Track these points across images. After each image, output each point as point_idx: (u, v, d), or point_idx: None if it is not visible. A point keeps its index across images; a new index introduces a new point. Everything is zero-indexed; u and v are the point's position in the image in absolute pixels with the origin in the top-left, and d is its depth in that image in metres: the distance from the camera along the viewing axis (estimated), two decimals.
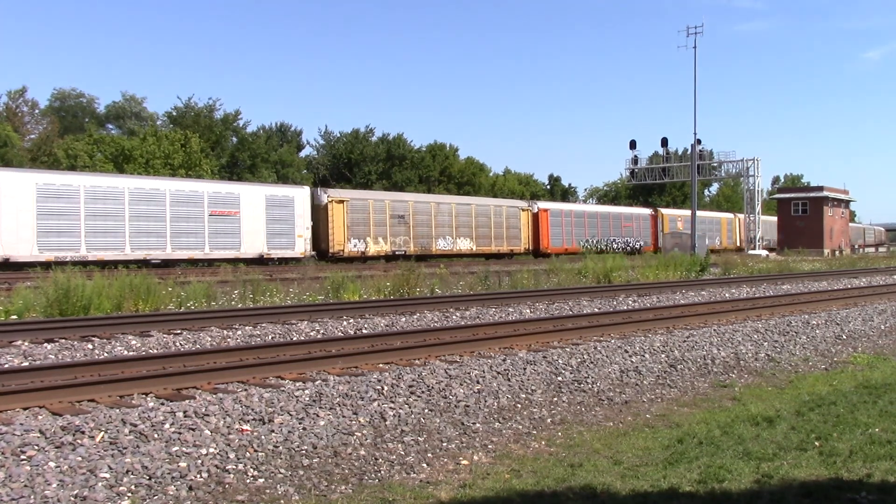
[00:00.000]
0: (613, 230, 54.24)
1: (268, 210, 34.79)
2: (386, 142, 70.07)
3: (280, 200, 35.42)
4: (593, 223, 52.85)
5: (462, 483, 5.50)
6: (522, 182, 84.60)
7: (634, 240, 55.36)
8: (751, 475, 5.51)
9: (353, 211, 38.63)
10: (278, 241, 34.99)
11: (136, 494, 5.09)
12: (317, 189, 39.32)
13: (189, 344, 11.00)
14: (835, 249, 65.25)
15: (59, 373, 8.05)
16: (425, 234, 41.96)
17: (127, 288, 14.93)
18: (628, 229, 55.70)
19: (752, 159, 56.44)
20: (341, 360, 9.04)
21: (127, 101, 69.03)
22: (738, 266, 34.45)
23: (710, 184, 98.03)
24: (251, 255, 33.68)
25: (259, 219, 34.45)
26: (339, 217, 37.87)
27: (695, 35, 47.52)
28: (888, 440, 6.36)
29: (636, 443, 6.58)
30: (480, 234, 45.12)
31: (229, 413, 6.66)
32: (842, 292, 20.34)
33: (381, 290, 18.82)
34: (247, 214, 34.05)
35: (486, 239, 45.46)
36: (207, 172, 50.61)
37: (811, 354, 11.66)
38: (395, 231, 40.30)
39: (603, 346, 10.63)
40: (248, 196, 34.50)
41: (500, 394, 8.23)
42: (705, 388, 9.14)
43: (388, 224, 40.01)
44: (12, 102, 62.21)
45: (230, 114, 62.28)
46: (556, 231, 49.93)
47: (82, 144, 49.55)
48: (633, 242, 54.82)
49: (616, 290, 20.24)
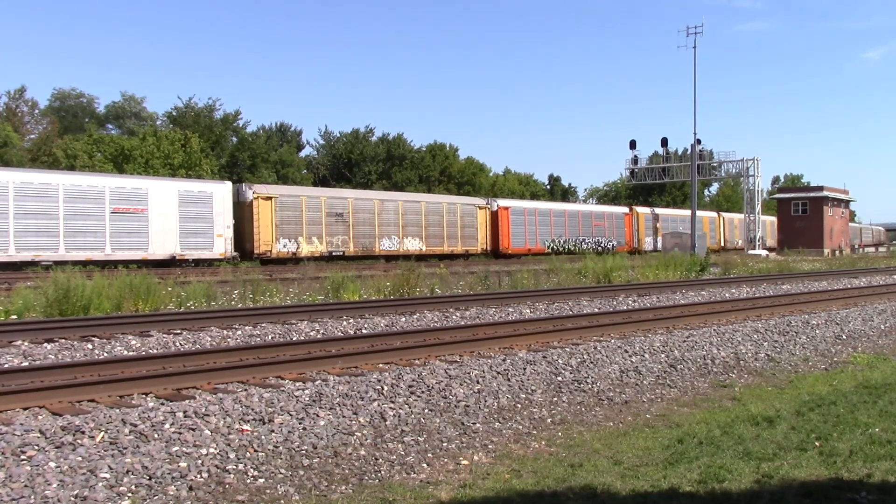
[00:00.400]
0: (583, 229, 52.01)
1: (181, 207, 32.14)
2: (386, 142, 70.09)
3: (196, 197, 32.76)
4: (560, 222, 50.42)
5: (462, 483, 5.50)
6: (522, 182, 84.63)
7: (606, 240, 53.15)
8: (751, 475, 5.51)
9: (283, 208, 35.93)
10: (194, 242, 32.33)
11: (136, 494, 5.09)
12: (241, 185, 36.82)
13: (189, 344, 11.00)
14: (835, 249, 65.25)
15: (59, 373, 8.05)
16: (367, 233, 39.28)
17: (127, 288, 14.94)
18: (599, 228, 53.41)
19: (752, 159, 56.44)
20: (341, 360, 9.04)
21: (126, 100, 69.07)
22: (737, 266, 34.46)
23: (710, 184, 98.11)
24: (161, 257, 31.20)
25: (171, 217, 31.80)
26: (266, 215, 35.18)
27: (695, 35, 47.52)
28: (888, 440, 6.37)
29: (636, 443, 6.58)
30: (431, 233, 42.33)
31: (229, 413, 6.66)
32: (842, 292, 20.34)
33: (381, 290, 18.83)
34: (156, 212, 31.39)
35: (437, 239, 42.59)
36: (207, 172, 50.59)
37: (811, 354, 11.67)
38: (333, 230, 37.69)
39: (603, 346, 10.63)
40: (158, 192, 31.77)
41: (500, 394, 8.23)
42: (705, 388, 9.14)
43: (323, 223, 37.35)
44: (12, 102, 62.25)
45: (230, 114, 62.32)
46: (519, 230, 47.43)
47: (81, 144, 49.55)
48: (605, 242, 52.62)
49: (616, 290, 20.24)
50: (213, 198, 33.23)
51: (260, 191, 35.83)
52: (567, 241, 49.90)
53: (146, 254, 31.09)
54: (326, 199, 38.11)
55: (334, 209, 37.96)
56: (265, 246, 35.03)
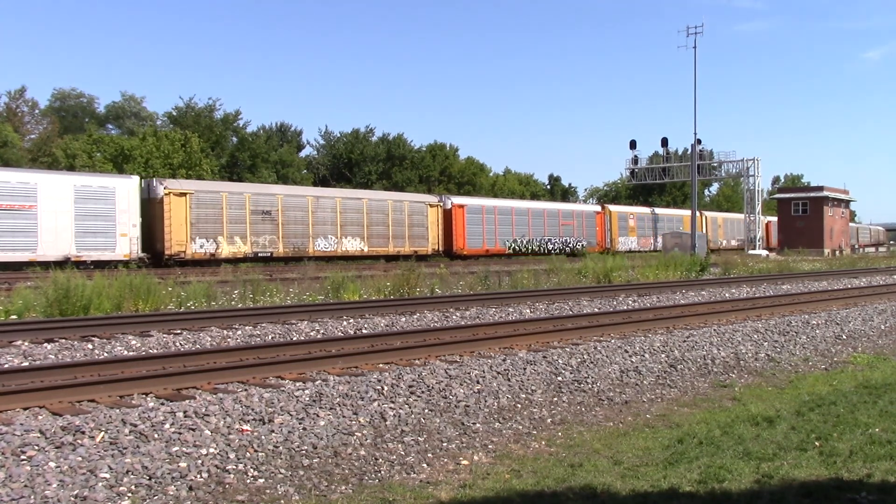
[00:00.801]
0: (549, 229, 48.78)
1: (78, 204, 29.32)
2: (386, 142, 70.12)
3: (95, 193, 29.91)
4: (523, 221, 47.15)
5: (462, 483, 5.50)
6: (522, 182, 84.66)
7: (575, 240, 50.11)
8: (751, 475, 5.51)
9: (199, 205, 32.82)
10: (93, 242, 29.60)
11: (136, 494, 5.09)
12: (151, 180, 34.00)
13: (189, 344, 11.00)
14: (835, 249, 65.25)
15: (59, 373, 8.05)
16: (299, 232, 36.17)
17: (127, 288, 14.94)
18: (568, 228, 50.18)
19: (752, 159, 56.49)
20: (341, 360, 9.04)
21: (126, 100, 69.08)
22: (738, 266, 34.47)
23: (710, 184, 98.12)
24: (53, 258, 27.70)
25: (65, 214, 29.01)
26: (179, 212, 32.09)
27: (695, 35, 47.64)
28: (888, 440, 6.37)
29: (636, 443, 6.58)
30: (375, 233, 39.31)
31: (229, 413, 6.66)
32: (842, 292, 20.34)
33: (381, 290, 18.83)
34: (47, 209, 28.59)
35: (381, 238, 39.56)
36: (207, 172, 50.62)
37: (811, 354, 11.66)
38: (259, 229, 34.62)
39: (603, 346, 10.63)
40: (50, 187, 28.93)
41: (500, 394, 8.23)
42: (705, 388, 9.14)
43: (248, 221, 34.26)
44: (12, 102, 62.26)
45: (230, 114, 62.38)
46: (475, 230, 44.30)
47: (81, 144, 49.55)
48: (573, 243, 49.78)
49: (616, 290, 20.25)
50: (115, 194, 30.40)
51: (172, 186, 32.89)
52: (531, 242, 47.21)
53: (34, 255, 28.08)
54: (251, 196, 34.99)
55: (261, 206, 34.88)
56: (178, 246, 32.04)
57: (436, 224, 42.46)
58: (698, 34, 47.76)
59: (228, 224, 33.72)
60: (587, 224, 52.11)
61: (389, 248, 39.76)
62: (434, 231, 42.28)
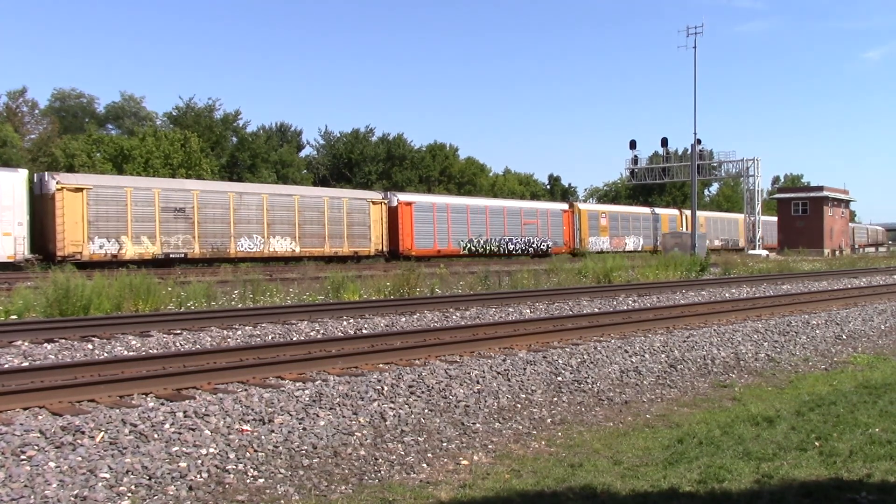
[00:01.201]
0: (510, 228, 45.98)
1: None
2: (386, 142, 70.13)
3: None
4: (480, 220, 44.33)
5: (462, 483, 5.50)
6: (522, 182, 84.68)
7: (540, 240, 47.40)
8: (751, 475, 5.51)
9: (99, 202, 29.98)
10: None
11: (136, 494, 5.09)
12: (43, 174, 31.04)
13: (189, 344, 11.00)
14: (835, 249, 65.26)
15: (59, 373, 8.04)
16: (219, 232, 33.27)
17: (127, 288, 14.93)
18: (531, 227, 47.34)
19: (752, 159, 56.48)
20: (341, 360, 9.04)
21: (126, 100, 69.08)
22: (738, 266, 34.48)
23: (710, 184, 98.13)
24: None
25: None
26: (74, 210, 29.31)
27: (695, 35, 47.62)
28: (888, 440, 6.37)
29: (636, 443, 6.58)
30: (308, 232, 36.42)
31: (229, 413, 6.66)
32: (842, 292, 20.35)
33: (381, 290, 18.83)
34: None
35: (315, 238, 36.65)
36: (207, 172, 50.62)
37: (811, 354, 11.67)
38: (171, 228, 31.80)
39: (603, 346, 10.63)
40: None
41: (500, 394, 8.23)
42: (705, 388, 9.14)
43: (157, 219, 31.42)
44: (12, 102, 62.26)
45: (230, 114, 62.39)
46: (425, 229, 41.25)
47: (81, 144, 49.55)
48: (537, 243, 47.15)
49: (616, 290, 20.25)
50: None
51: (66, 181, 29.94)
52: (489, 242, 44.47)
53: None
54: (161, 192, 31.98)
55: (173, 203, 31.97)
56: (73, 247, 29.25)
57: (380, 223, 39.37)
58: (698, 34, 47.77)
59: (134, 222, 30.86)
60: (553, 223, 49.18)
61: (325, 249, 36.86)
62: (378, 230, 39.25)
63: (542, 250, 46.57)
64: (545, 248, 47.11)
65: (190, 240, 32.38)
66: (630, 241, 55.31)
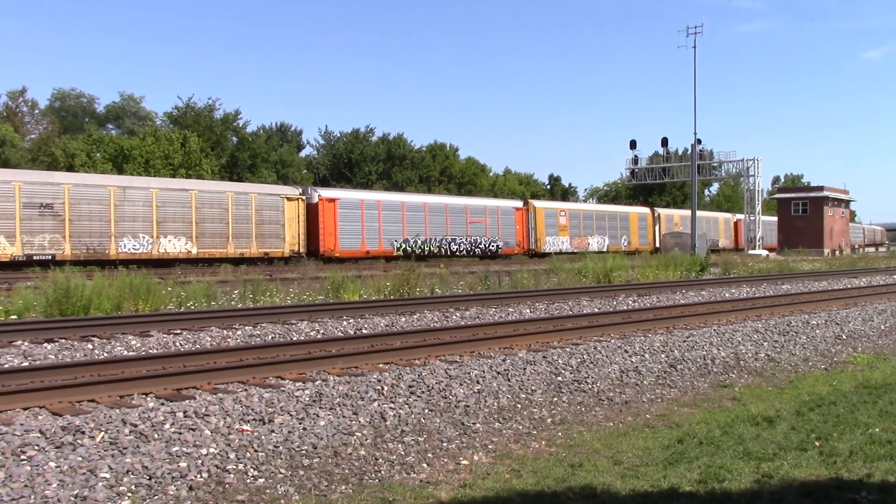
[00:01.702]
0: (453, 227, 42.38)
1: None
2: (386, 142, 70.13)
3: None
4: (418, 218, 40.62)
5: (462, 483, 5.50)
6: (523, 182, 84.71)
7: (489, 240, 44.04)
8: (751, 475, 5.51)
9: None
10: None
11: (136, 494, 5.09)
12: None
13: (189, 344, 11.00)
14: (835, 249, 65.26)
15: (59, 373, 8.04)
16: (97, 230, 30.05)
17: (127, 288, 14.93)
18: (478, 226, 43.65)
19: (752, 159, 56.47)
20: (341, 360, 9.04)
21: (125, 100, 69.10)
22: (738, 266, 34.48)
23: (710, 184, 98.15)
24: None
25: None
26: None
27: (695, 35, 47.55)
28: (888, 440, 6.37)
29: (636, 443, 6.58)
30: (207, 231, 32.97)
31: (229, 413, 6.66)
32: (842, 292, 20.34)
33: (381, 290, 18.83)
34: None
35: (216, 238, 33.18)
36: (207, 172, 50.61)
37: (811, 354, 11.66)
38: (35, 227, 28.52)
39: (603, 346, 10.63)
40: None
41: (500, 394, 8.23)
42: (705, 388, 9.14)
43: (18, 217, 28.12)
44: (12, 102, 62.26)
45: (230, 114, 62.38)
46: (352, 228, 37.60)
47: (80, 144, 49.55)
48: (485, 243, 43.80)
49: (616, 290, 20.24)
50: None
51: None
52: (428, 242, 40.70)
53: None
54: (24, 185, 28.53)
55: (37, 198, 28.73)
56: None
57: (296, 221, 35.72)
58: (698, 34, 47.69)
59: None
60: (504, 222, 45.28)
61: (229, 250, 33.50)
62: (294, 229, 35.63)
63: (492, 251, 43.40)
64: (495, 249, 43.90)
65: (59, 240, 29.31)
66: (594, 240, 51.75)
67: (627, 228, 55.43)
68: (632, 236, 55.61)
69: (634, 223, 56.25)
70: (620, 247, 51.77)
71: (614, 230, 54.37)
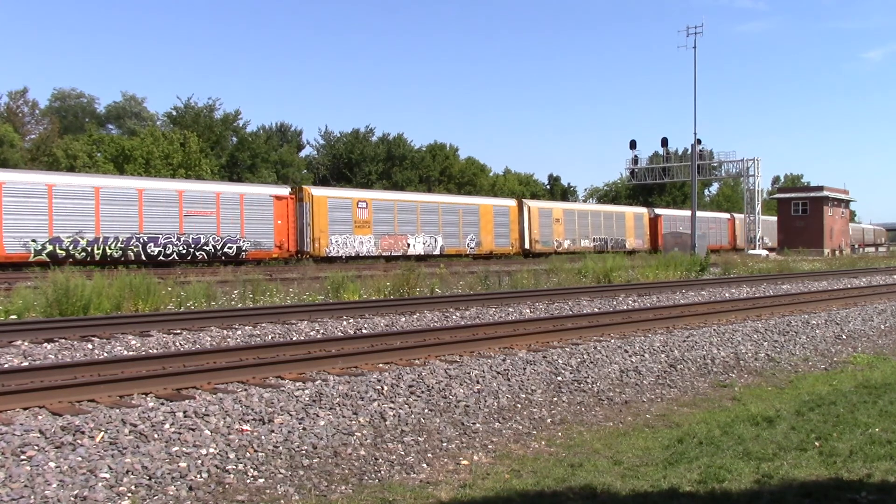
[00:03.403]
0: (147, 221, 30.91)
1: None
2: (386, 142, 70.11)
3: None
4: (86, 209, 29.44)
5: (462, 483, 5.49)
6: (522, 182, 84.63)
7: (225, 238, 32.64)
8: (751, 475, 5.51)
9: None
10: None
11: (136, 494, 5.09)
12: None
13: (189, 344, 11.00)
14: (835, 249, 65.25)
15: (59, 373, 8.04)
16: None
17: (127, 288, 14.92)
18: (204, 220, 32.14)
19: (752, 159, 56.49)
20: (341, 360, 9.04)
21: (127, 100, 69.09)
22: (738, 266, 34.48)
23: (710, 184, 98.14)
24: None
25: None
26: None
27: (695, 35, 47.56)
28: (888, 440, 6.36)
29: (636, 443, 6.58)
30: None
31: (229, 413, 6.66)
32: (842, 292, 20.34)
33: (381, 290, 18.82)
34: None
35: None
36: (207, 172, 50.59)
37: (811, 354, 11.66)
38: None
39: (603, 345, 10.63)
40: None
41: (500, 394, 8.22)
42: (705, 388, 9.14)
43: None
44: (13, 103, 62.26)
45: (230, 114, 62.35)
46: None
47: (81, 144, 49.53)
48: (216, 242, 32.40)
49: (616, 290, 20.24)
50: None
51: None
52: (100, 243, 29.66)
53: None
54: None
55: None
56: None
57: None
58: (698, 34, 47.70)
59: None
60: (252, 216, 33.59)
61: None
62: None
63: (229, 255, 32.44)
64: (236, 252, 32.91)
65: None
66: (416, 240, 40.65)
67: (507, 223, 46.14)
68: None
69: (514, 220, 46.55)
70: (464, 247, 43.17)
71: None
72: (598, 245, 51.40)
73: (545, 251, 47.48)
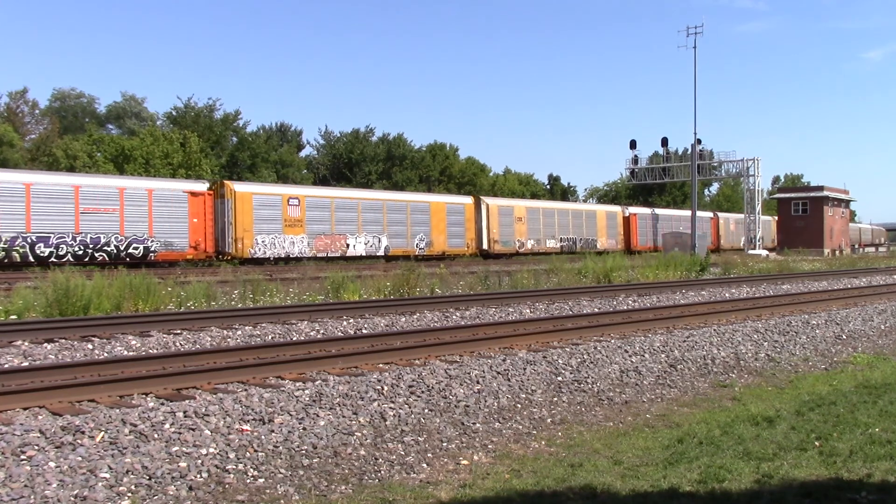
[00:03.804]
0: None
1: None
2: (386, 142, 70.11)
3: None
4: None
5: (462, 483, 5.50)
6: (522, 182, 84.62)
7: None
8: (751, 475, 5.51)
9: None
10: None
11: (136, 494, 5.09)
12: None
13: (189, 344, 11.00)
14: (835, 249, 65.25)
15: (59, 373, 8.04)
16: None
17: (127, 288, 14.92)
18: (105, 217, 29.53)
19: (752, 159, 56.52)
20: (341, 360, 9.04)
21: (127, 101, 69.07)
22: (737, 266, 34.48)
23: (710, 184, 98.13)
24: None
25: None
26: None
27: (695, 35, 47.68)
28: (888, 440, 6.36)
29: (636, 443, 6.58)
30: None
31: (229, 413, 6.66)
32: (842, 292, 20.34)
33: (381, 290, 18.83)
34: None
35: None
36: (207, 172, 50.56)
37: (811, 354, 11.66)
38: None
39: (603, 346, 10.63)
40: None
41: (500, 394, 8.22)
42: (705, 388, 9.14)
43: None
44: (13, 103, 62.25)
45: (230, 114, 62.34)
46: None
47: (81, 144, 49.51)
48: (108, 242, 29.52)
49: (616, 290, 20.24)
50: None
51: None
52: None
53: None
54: None
55: None
56: None
57: None
58: (698, 34, 47.83)
59: None
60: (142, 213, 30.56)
61: None
62: None
63: (135, 256, 29.91)
64: (143, 253, 30.35)
65: None
66: (357, 240, 37.91)
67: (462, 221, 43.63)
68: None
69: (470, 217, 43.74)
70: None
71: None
72: (565, 245, 48.84)
73: (506, 252, 45.01)
